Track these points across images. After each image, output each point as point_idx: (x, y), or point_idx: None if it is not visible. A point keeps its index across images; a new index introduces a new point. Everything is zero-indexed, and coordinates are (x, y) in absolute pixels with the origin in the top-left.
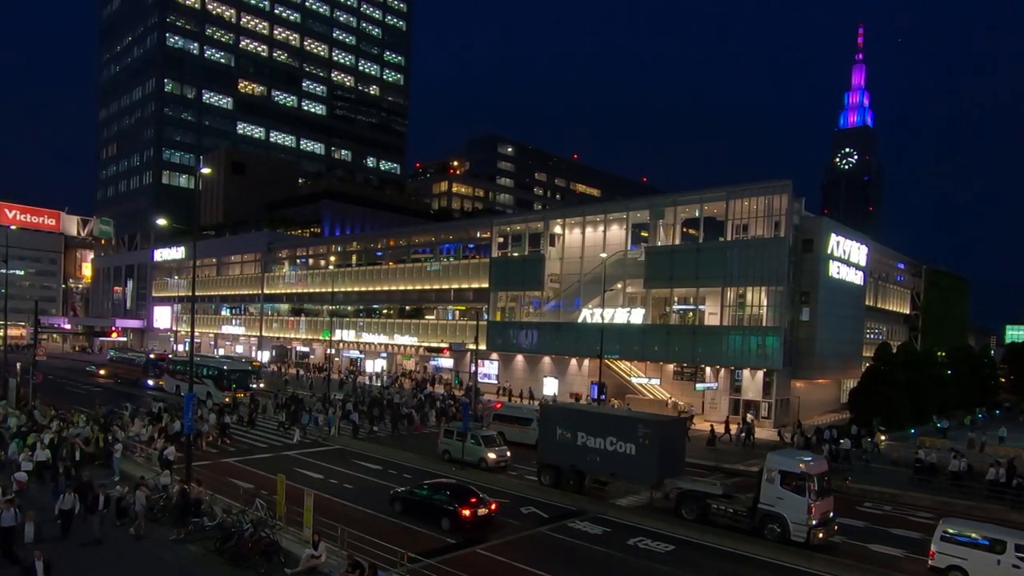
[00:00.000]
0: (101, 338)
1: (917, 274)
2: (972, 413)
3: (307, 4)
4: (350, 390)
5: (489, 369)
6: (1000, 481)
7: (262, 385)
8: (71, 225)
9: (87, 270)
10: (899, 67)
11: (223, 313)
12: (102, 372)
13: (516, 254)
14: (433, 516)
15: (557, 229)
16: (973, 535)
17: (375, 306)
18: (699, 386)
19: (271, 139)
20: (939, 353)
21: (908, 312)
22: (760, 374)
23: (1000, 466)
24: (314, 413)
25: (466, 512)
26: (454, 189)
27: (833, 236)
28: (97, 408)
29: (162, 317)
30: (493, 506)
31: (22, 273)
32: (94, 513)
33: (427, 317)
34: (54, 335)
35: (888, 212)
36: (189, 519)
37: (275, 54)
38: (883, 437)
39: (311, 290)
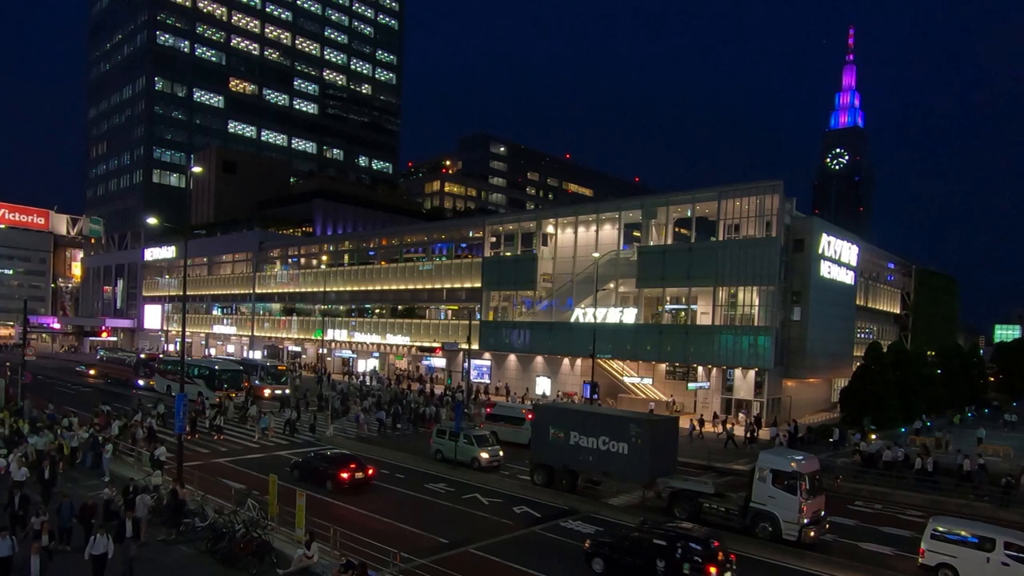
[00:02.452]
0: (91, 338)
1: (907, 274)
2: (961, 412)
3: (299, 2)
4: (345, 389)
5: (481, 369)
6: (928, 470)
7: (287, 391)
8: (60, 224)
9: (77, 269)
10: (889, 68)
11: (214, 313)
12: (92, 372)
13: (508, 254)
14: (320, 480)
15: (549, 229)
16: (963, 533)
17: (367, 306)
18: (691, 385)
19: (262, 138)
20: (929, 352)
21: (898, 312)
22: (752, 373)
23: (928, 456)
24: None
25: (344, 475)
26: (446, 188)
27: (824, 236)
28: (37, 411)
29: (152, 317)
30: (370, 471)
31: (11, 272)
32: (121, 542)
33: (420, 317)
34: (43, 335)
35: (878, 212)
36: (179, 520)
37: (267, 52)
38: (874, 436)
39: (303, 289)
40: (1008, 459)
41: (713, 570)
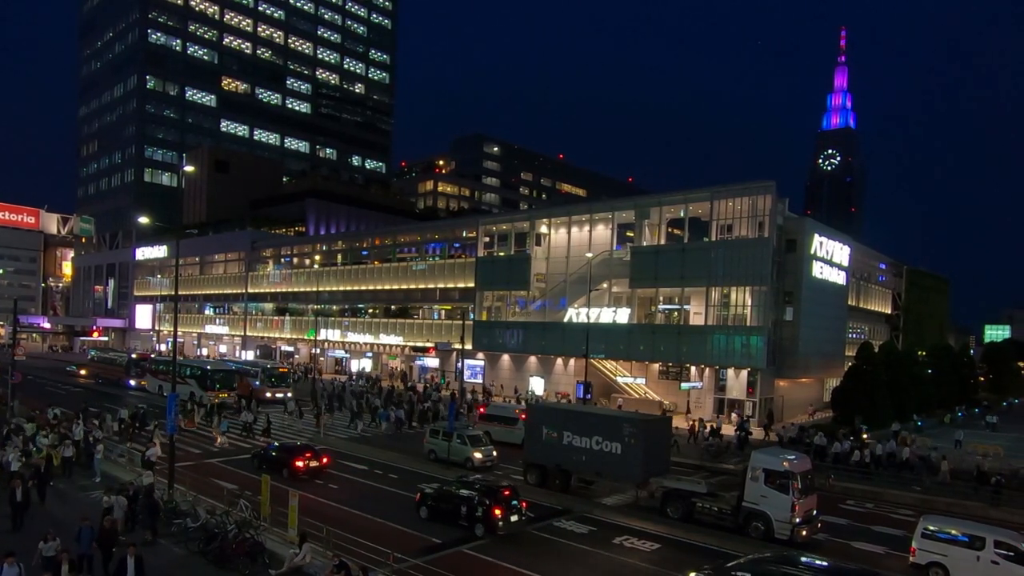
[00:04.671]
0: (82, 338)
1: (898, 274)
2: (952, 412)
3: (292, 1)
4: (337, 389)
5: (475, 368)
6: (866, 461)
7: (290, 394)
8: (51, 223)
9: (67, 269)
10: (881, 70)
11: (206, 312)
12: (83, 372)
13: (502, 254)
14: (278, 468)
15: (543, 229)
16: (953, 532)
17: (360, 305)
18: (684, 385)
19: (255, 137)
20: (920, 352)
21: (890, 312)
22: (744, 373)
23: (866, 449)
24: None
25: (299, 464)
26: (440, 188)
27: (816, 236)
28: None
29: (144, 316)
30: (324, 460)
31: (0, 272)
32: None
33: (413, 317)
34: (34, 335)
35: (870, 213)
36: (155, 521)
37: (259, 51)
38: (866, 436)
39: (296, 289)
40: (998, 458)
41: (498, 511)
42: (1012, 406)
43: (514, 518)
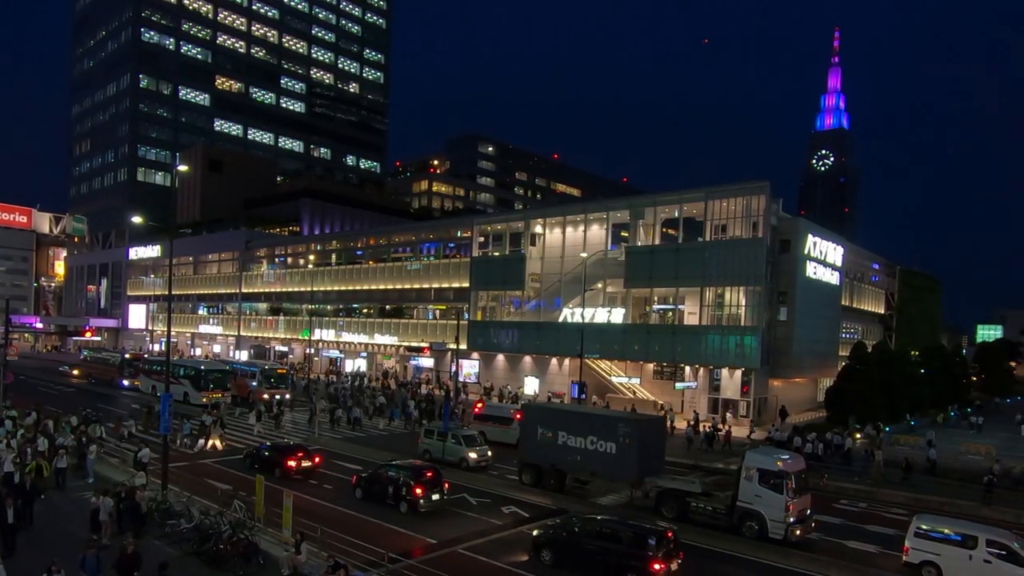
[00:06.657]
0: (75, 337)
1: (891, 275)
2: (944, 411)
3: (286, 0)
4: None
5: (470, 368)
6: (818, 453)
7: (288, 396)
8: (43, 222)
9: (60, 268)
10: (875, 70)
11: (200, 312)
12: (75, 372)
13: (497, 253)
14: (271, 468)
15: (538, 229)
16: (946, 531)
17: (355, 305)
18: (679, 385)
19: (249, 136)
20: (913, 352)
21: (883, 312)
22: (738, 373)
23: (819, 443)
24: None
25: (291, 463)
26: (434, 188)
27: (810, 237)
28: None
29: (137, 316)
30: (317, 459)
31: None
32: None
33: (408, 316)
34: (26, 335)
35: (863, 213)
36: (138, 522)
37: (253, 50)
38: (859, 435)
39: (290, 289)
40: (990, 457)
41: (419, 490)
42: (1002, 406)
43: (435, 497)
